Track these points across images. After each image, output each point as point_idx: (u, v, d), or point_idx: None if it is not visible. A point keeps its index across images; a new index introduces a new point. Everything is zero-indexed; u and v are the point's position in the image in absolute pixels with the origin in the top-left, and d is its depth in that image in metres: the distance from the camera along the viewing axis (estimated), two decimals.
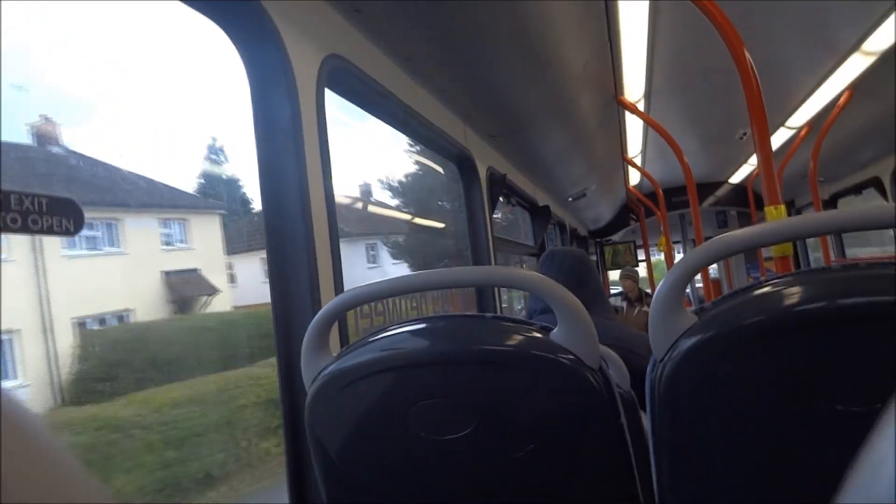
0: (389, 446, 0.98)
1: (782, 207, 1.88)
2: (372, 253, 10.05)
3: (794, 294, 0.84)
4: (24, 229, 0.79)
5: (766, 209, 1.91)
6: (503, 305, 3.36)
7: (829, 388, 0.78)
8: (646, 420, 1.12)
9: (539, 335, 0.94)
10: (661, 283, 0.92)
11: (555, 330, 0.93)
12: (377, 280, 1.02)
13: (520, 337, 0.94)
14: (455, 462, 0.96)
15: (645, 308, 6.25)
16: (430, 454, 0.96)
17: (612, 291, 8.29)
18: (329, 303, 1.04)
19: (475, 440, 0.93)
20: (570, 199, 6.14)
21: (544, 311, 1.71)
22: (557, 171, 4.83)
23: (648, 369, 0.92)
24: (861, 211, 0.82)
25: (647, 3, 2.54)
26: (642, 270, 9.23)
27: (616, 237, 10.38)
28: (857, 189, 6.98)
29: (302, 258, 1.41)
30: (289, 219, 1.41)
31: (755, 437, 0.84)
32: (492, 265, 3.00)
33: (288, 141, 1.41)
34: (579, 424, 0.94)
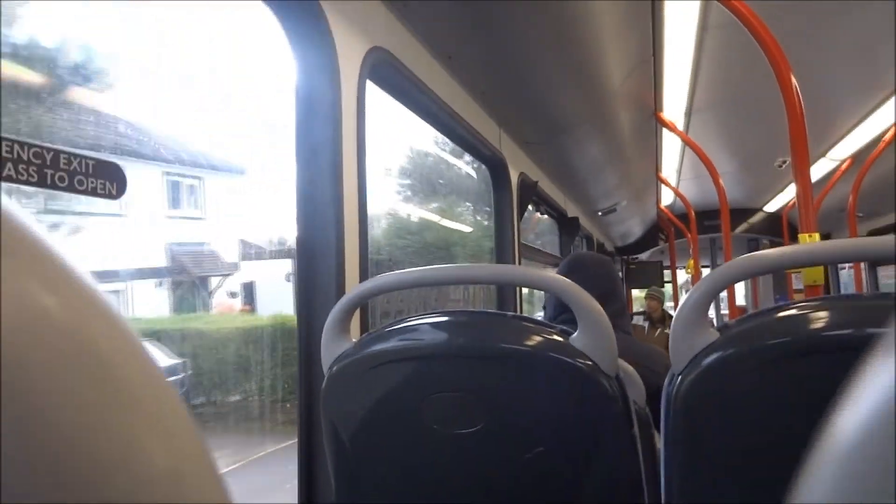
0: (402, 435, 0.99)
1: (817, 235, 1.85)
2: None
3: (821, 318, 0.83)
4: (69, 188, 0.82)
5: (800, 236, 1.88)
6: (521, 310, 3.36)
7: None
8: (658, 439, 1.11)
9: (559, 338, 0.94)
10: (686, 296, 0.91)
11: (575, 334, 0.93)
12: (402, 270, 1.03)
13: (539, 338, 0.95)
14: (465, 457, 0.96)
15: (667, 330, 6.16)
16: (441, 447, 0.97)
17: (635, 310, 8.20)
18: (354, 288, 1.05)
19: (486, 437, 0.93)
20: (600, 213, 6.10)
21: (559, 317, 1.70)
22: (589, 184, 4.80)
23: (666, 382, 0.91)
24: (889, 239, 0.80)
25: (696, 20, 2.52)
26: (668, 292, 9.11)
27: (643, 256, 10.27)
28: (894, 228, 6.81)
29: (330, 245, 1.43)
30: (321, 204, 1.44)
31: (768, 459, 0.83)
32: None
33: (327, 128, 1.43)
34: (591, 432, 0.93)
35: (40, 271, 0.16)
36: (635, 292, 10.16)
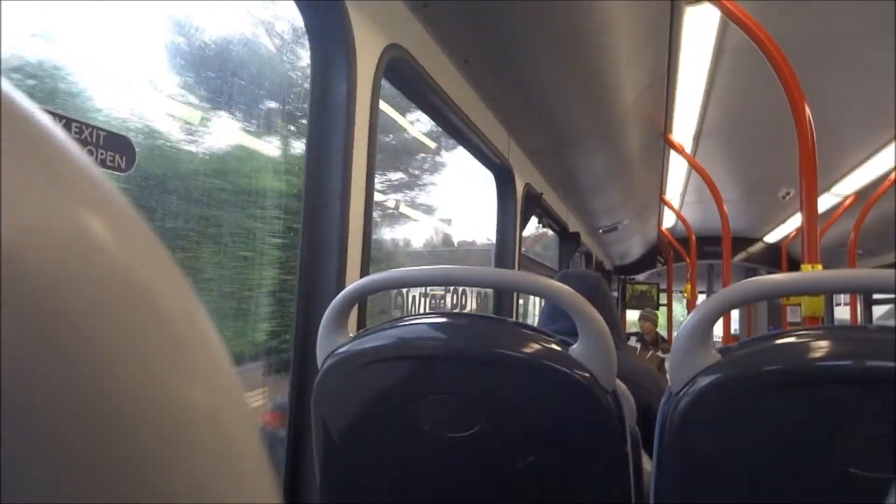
0: (392, 434, 0.98)
1: (819, 267, 1.85)
2: None
3: (823, 348, 0.82)
4: None
5: (802, 267, 1.88)
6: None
7: (845, 449, 0.76)
8: (647, 462, 1.10)
9: (557, 348, 0.93)
10: (689, 316, 0.91)
11: (574, 346, 0.93)
12: (404, 268, 1.03)
13: (538, 346, 0.94)
14: (455, 461, 0.95)
15: (659, 353, 6.16)
16: (431, 448, 0.95)
17: (629, 331, 8.19)
18: (353, 283, 1.04)
19: (478, 442, 0.92)
20: (601, 231, 6.10)
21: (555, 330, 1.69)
22: (592, 200, 4.81)
23: (663, 401, 0.90)
24: (891, 273, 0.80)
25: (713, 42, 2.53)
26: (662, 315, 9.11)
27: (641, 277, 10.28)
28: (894, 267, 6.83)
29: (334, 238, 1.42)
30: (328, 196, 1.43)
31: (762, 485, 0.82)
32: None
33: (339, 120, 1.43)
34: (584, 445, 0.92)
35: (92, 199, 0.15)
36: (630, 315, 10.17)
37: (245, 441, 0.18)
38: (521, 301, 3.65)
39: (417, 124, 3.09)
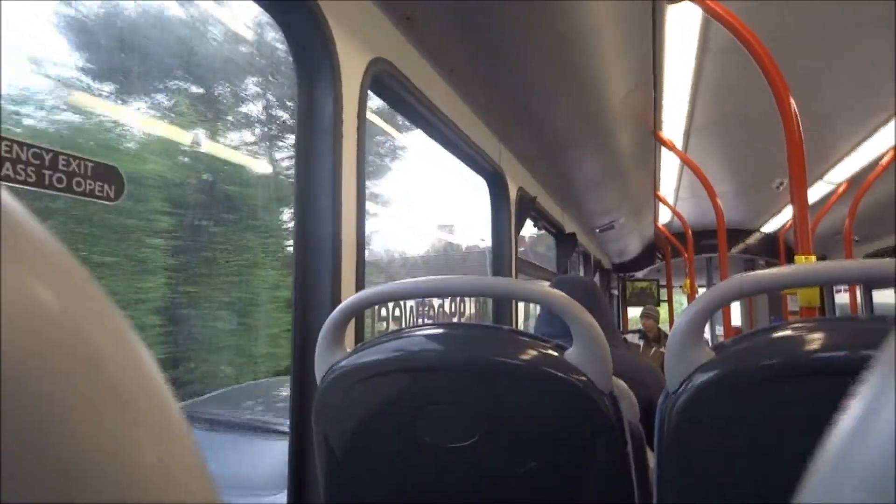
0: (393, 447, 0.98)
1: (813, 257, 1.86)
2: None
3: (817, 340, 0.83)
4: (67, 190, 0.82)
5: (796, 258, 1.88)
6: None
7: None
8: (651, 458, 1.10)
9: (553, 353, 0.94)
10: (681, 315, 0.91)
11: (569, 350, 0.93)
12: (397, 281, 1.03)
13: (534, 353, 0.94)
14: (457, 471, 0.95)
15: (661, 349, 6.17)
16: (432, 460, 0.96)
17: (631, 329, 8.19)
18: (349, 298, 1.05)
19: (479, 451, 0.93)
20: (598, 230, 6.12)
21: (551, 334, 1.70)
22: (587, 200, 4.82)
23: (660, 400, 0.91)
24: (889, 262, 0.80)
25: (696, 41, 2.55)
26: (664, 311, 9.11)
27: (640, 274, 10.29)
28: (893, 252, 6.84)
29: (327, 253, 1.42)
30: (319, 212, 1.44)
31: (763, 481, 0.82)
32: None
33: (327, 137, 1.44)
34: (585, 449, 0.93)
35: (43, 270, 0.16)
36: (631, 311, 10.17)
37: (194, 488, 0.18)
38: (520, 305, 3.65)
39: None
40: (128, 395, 0.17)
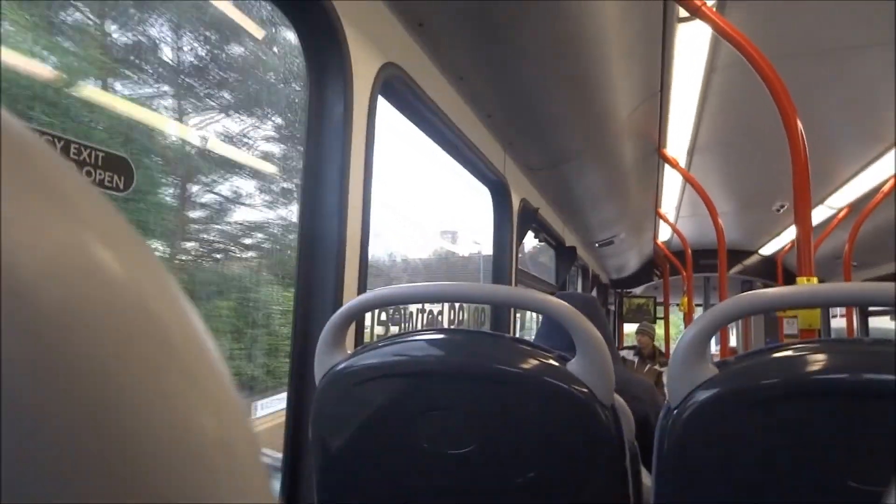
0: (391, 451, 0.98)
1: (815, 279, 1.86)
2: None
3: (819, 361, 0.83)
4: None
5: (798, 280, 1.88)
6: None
7: (844, 462, 0.76)
8: (646, 476, 1.10)
9: (555, 363, 0.93)
10: (686, 330, 0.91)
11: (572, 361, 0.93)
12: (401, 285, 1.03)
13: (535, 362, 0.94)
14: (454, 477, 0.95)
15: (656, 366, 6.15)
16: (430, 465, 0.95)
17: (626, 345, 8.18)
18: (351, 301, 1.05)
19: (478, 458, 0.92)
20: (597, 245, 6.12)
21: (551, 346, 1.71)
22: (588, 214, 4.83)
23: (661, 416, 0.90)
24: (889, 286, 0.80)
25: (705, 59, 2.56)
26: (660, 328, 9.10)
27: (637, 290, 10.29)
28: (891, 278, 6.86)
29: (331, 254, 1.42)
30: (325, 214, 1.44)
31: (761, 499, 0.82)
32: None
33: (336, 139, 1.44)
34: (584, 460, 0.92)
35: (99, 226, 0.16)
36: (627, 328, 10.16)
37: (251, 465, 0.18)
38: (517, 315, 3.65)
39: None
40: (190, 366, 0.17)
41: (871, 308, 7.25)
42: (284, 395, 1.41)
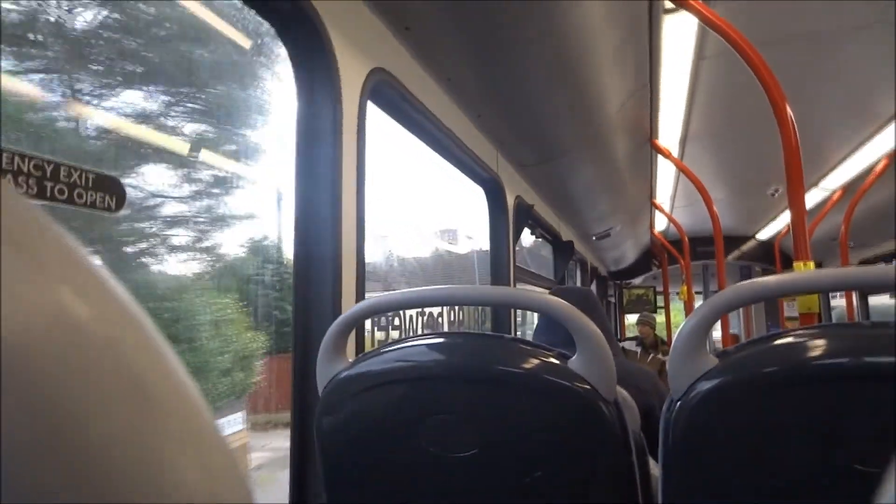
0: (396, 457, 0.98)
1: (811, 263, 1.86)
2: None
3: (819, 346, 0.83)
4: (68, 201, 0.82)
5: (794, 264, 1.89)
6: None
7: (849, 445, 0.77)
8: (654, 466, 1.10)
9: (556, 361, 0.94)
10: (684, 322, 0.91)
11: (573, 358, 0.93)
12: (400, 290, 1.03)
13: (536, 361, 0.94)
14: (461, 480, 0.95)
15: (659, 355, 6.17)
16: (435, 469, 0.95)
17: (629, 335, 8.19)
18: (351, 308, 1.05)
19: (483, 461, 0.92)
20: (594, 238, 6.13)
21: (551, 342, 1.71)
22: (584, 208, 4.83)
23: (664, 408, 0.90)
24: (886, 269, 0.81)
25: (692, 49, 2.56)
26: (660, 317, 9.11)
27: (636, 281, 10.30)
28: (888, 258, 6.87)
29: (328, 263, 1.42)
30: (319, 222, 1.44)
31: (769, 487, 0.82)
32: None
33: (327, 146, 1.44)
34: (589, 457, 0.92)
35: (71, 278, 0.16)
36: (628, 318, 10.17)
37: (236, 497, 0.18)
38: (517, 311, 3.65)
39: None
40: (169, 416, 0.17)
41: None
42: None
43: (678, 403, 0.87)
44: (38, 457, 0.14)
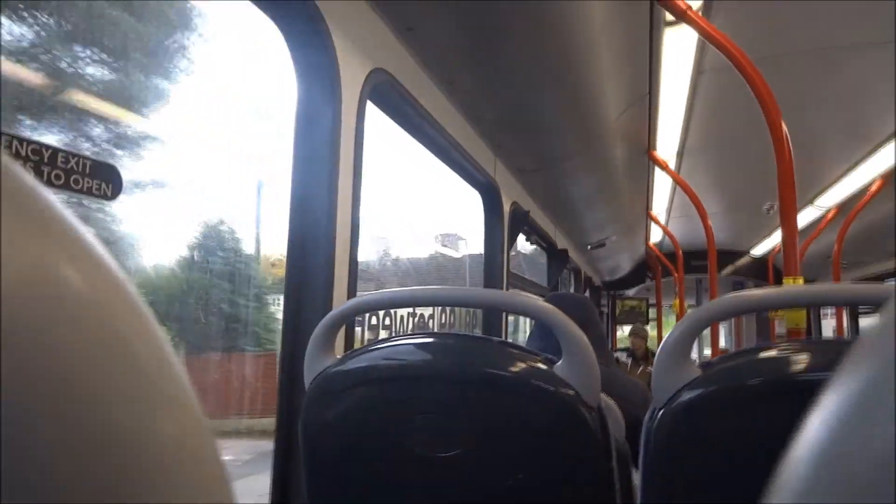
0: (380, 455, 0.99)
1: (801, 280, 1.88)
2: None
3: (802, 360, 0.84)
4: (65, 187, 0.82)
5: (784, 280, 1.90)
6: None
7: None
8: (636, 476, 1.11)
9: (542, 366, 0.94)
10: (670, 332, 0.92)
11: (558, 363, 0.94)
12: (391, 289, 1.04)
13: (522, 365, 0.95)
14: (443, 481, 0.96)
15: (649, 368, 6.18)
16: (419, 468, 0.96)
17: (619, 346, 8.20)
18: (341, 305, 1.05)
19: (466, 461, 0.93)
20: (589, 247, 6.14)
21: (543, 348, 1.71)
22: (579, 217, 4.84)
23: (647, 417, 0.91)
24: (875, 286, 0.82)
25: (692, 62, 2.58)
26: (653, 330, 9.12)
27: (630, 292, 10.31)
28: (880, 278, 6.91)
29: (321, 261, 1.43)
30: (314, 221, 1.44)
31: (747, 498, 0.83)
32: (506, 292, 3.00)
33: (325, 145, 1.45)
34: (571, 461, 0.93)
35: (62, 242, 0.17)
36: (620, 330, 10.18)
37: (210, 465, 0.19)
38: (510, 317, 3.66)
39: None
40: (149, 375, 0.18)
41: (861, 308, 7.32)
42: None
43: (660, 412, 0.88)
44: (26, 412, 0.15)
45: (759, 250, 7.89)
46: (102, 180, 0.87)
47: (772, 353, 0.87)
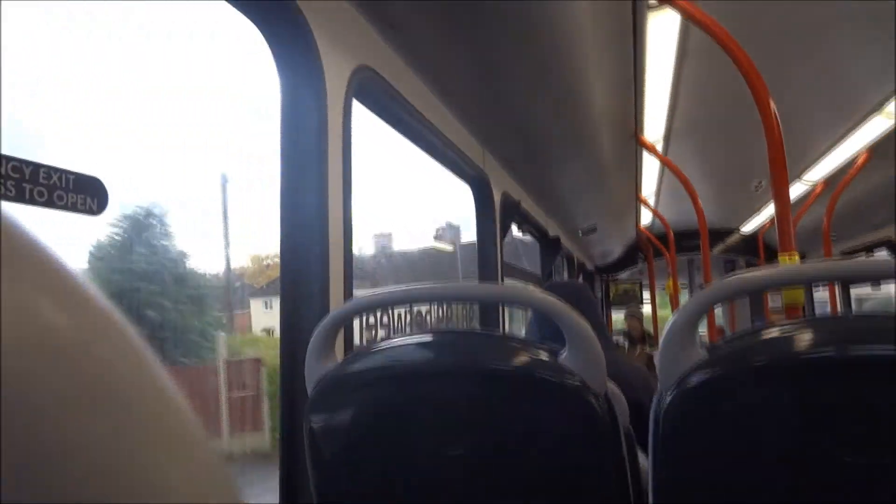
0: (387, 455, 0.98)
1: (796, 255, 1.88)
2: None
3: (806, 339, 0.84)
4: (48, 204, 0.80)
5: (779, 257, 1.91)
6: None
7: (837, 437, 0.77)
8: (643, 459, 1.11)
9: (546, 357, 0.94)
10: (675, 315, 0.91)
11: (563, 353, 0.93)
12: (388, 288, 1.03)
13: (526, 357, 0.94)
14: (451, 477, 0.95)
15: (647, 349, 6.21)
16: (427, 467, 0.95)
17: (615, 329, 8.24)
18: (340, 308, 1.04)
19: (473, 457, 0.92)
20: (581, 233, 6.15)
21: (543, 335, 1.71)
22: (570, 203, 4.85)
23: (654, 401, 0.91)
24: (870, 261, 0.83)
25: (675, 44, 2.57)
26: (647, 311, 9.17)
27: (623, 275, 10.36)
28: (868, 249, 6.97)
29: (315, 262, 1.42)
30: (306, 221, 1.43)
31: (758, 480, 0.83)
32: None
33: (313, 145, 1.43)
34: (581, 450, 0.93)
35: (47, 286, 0.15)
36: (615, 312, 10.23)
37: None
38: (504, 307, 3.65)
39: None
40: (139, 405, 0.16)
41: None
42: None
43: (668, 396, 0.87)
44: (14, 461, 0.13)
45: (748, 227, 7.94)
46: (87, 195, 0.85)
47: (774, 333, 0.86)
